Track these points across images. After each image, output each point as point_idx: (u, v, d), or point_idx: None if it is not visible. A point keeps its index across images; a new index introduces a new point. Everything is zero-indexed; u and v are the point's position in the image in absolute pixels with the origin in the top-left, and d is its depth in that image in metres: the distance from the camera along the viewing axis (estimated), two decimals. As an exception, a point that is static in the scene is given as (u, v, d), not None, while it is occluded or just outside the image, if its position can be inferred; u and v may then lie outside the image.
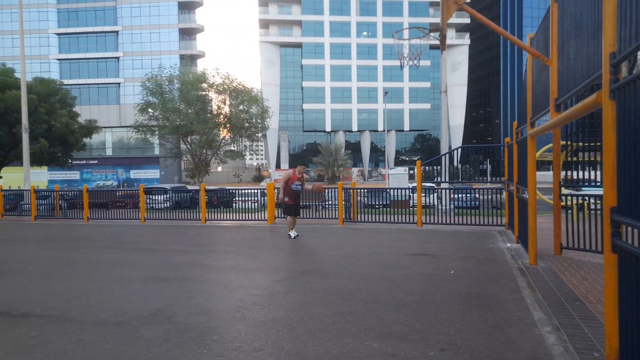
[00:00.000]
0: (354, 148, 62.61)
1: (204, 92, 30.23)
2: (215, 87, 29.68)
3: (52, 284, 5.92)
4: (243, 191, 15.93)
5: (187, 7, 57.44)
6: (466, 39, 62.49)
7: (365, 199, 14.47)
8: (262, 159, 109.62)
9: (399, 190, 12.89)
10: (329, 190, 13.90)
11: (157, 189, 18.57)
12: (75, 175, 52.87)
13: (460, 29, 64.49)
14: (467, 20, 60.60)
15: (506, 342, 3.63)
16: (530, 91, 6.91)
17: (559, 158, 7.05)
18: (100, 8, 55.89)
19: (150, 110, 29.55)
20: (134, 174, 54.45)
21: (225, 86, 29.46)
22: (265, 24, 62.41)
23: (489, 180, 13.00)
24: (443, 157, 12.21)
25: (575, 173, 6.99)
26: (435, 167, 14.46)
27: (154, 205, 15.78)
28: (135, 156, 54.49)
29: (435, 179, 13.82)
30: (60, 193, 15.88)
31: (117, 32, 55.61)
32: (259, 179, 64.72)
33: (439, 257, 7.25)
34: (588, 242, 6.83)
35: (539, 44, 6.25)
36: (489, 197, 11.51)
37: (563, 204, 7.45)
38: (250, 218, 13.38)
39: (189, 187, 22.38)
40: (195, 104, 29.28)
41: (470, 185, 14.30)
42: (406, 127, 63.88)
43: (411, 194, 13.12)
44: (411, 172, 36.68)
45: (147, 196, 15.05)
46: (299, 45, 62.14)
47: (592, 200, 8.05)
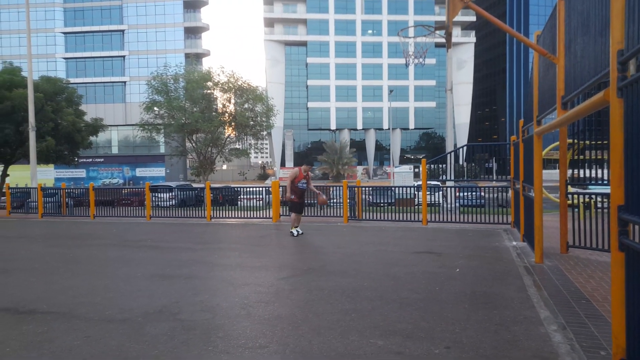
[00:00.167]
0: (358, 146, 62.53)
1: (209, 91, 30.34)
2: (220, 85, 29.79)
3: (59, 281, 5.97)
4: (248, 189, 15.97)
5: (192, 6, 57.60)
6: (472, 37, 62.21)
7: (370, 197, 14.44)
8: (267, 157, 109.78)
9: (404, 189, 12.86)
10: (334, 188, 13.90)
11: (162, 187, 18.62)
12: (81, 173, 53.19)
13: (466, 26, 64.20)
14: (473, 18, 60.34)
15: (512, 340, 3.62)
16: (537, 89, 6.87)
17: (566, 156, 7.02)
18: (106, 7, 56.16)
19: (155, 108, 29.70)
20: (140, 172, 54.72)
21: (230, 84, 29.55)
22: (270, 23, 62.44)
23: (494, 178, 12.96)
24: (448, 155, 12.18)
25: (582, 171, 6.95)
26: (440, 166, 14.42)
27: (159, 203, 15.84)
28: (140, 154, 54.76)
29: (441, 177, 13.79)
30: (66, 191, 15.98)
31: (122, 31, 55.86)
32: (263, 177, 64.83)
33: (444, 256, 7.24)
34: (595, 241, 6.79)
35: (546, 41, 6.21)
36: (495, 195, 11.47)
37: (570, 202, 7.42)
38: (255, 216, 13.41)
39: (194, 185, 22.44)
40: (200, 102, 29.40)
41: (476, 184, 14.25)
42: (411, 126, 63.74)
43: (416, 192, 13.09)
44: (416, 170, 36.57)
45: (153, 194, 15.11)
46: (303, 43, 62.10)
47: (599, 199, 8.01)
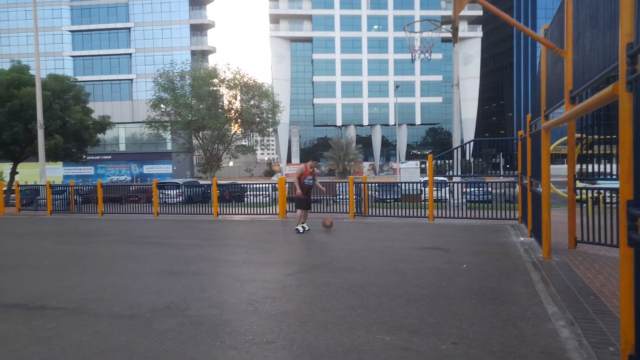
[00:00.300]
0: (365, 142, 62.39)
1: (215, 88, 30.36)
2: (226, 82, 29.81)
3: (68, 277, 6.03)
4: (254, 186, 16.02)
5: (197, 3, 57.64)
6: (479, 32, 61.69)
7: (377, 193, 14.43)
8: (273, 153, 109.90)
9: (411, 184, 12.82)
10: (340, 184, 13.89)
11: (169, 184, 18.74)
12: (89, 170, 53.58)
13: (473, 21, 63.69)
14: (480, 12, 59.80)
15: (519, 336, 3.61)
16: (545, 83, 6.81)
17: (574, 151, 6.96)
18: (112, 5, 56.34)
19: (162, 105, 29.80)
20: (147, 169, 55.00)
21: (236, 81, 29.56)
22: (275, 19, 62.33)
23: (502, 173, 12.88)
24: (455, 150, 12.12)
25: (590, 166, 6.89)
26: (447, 161, 14.36)
27: (166, 199, 15.95)
28: (148, 151, 54.99)
29: (447, 173, 13.73)
30: (75, 188, 16.11)
31: (129, 28, 56.03)
32: (270, 173, 64.95)
33: (451, 251, 7.22)
34: (603, 236, 6.74)
35: (554, 35, 6.14)
36: (502, 190, 11.41)
37: (578, 197, 7.36)
38: (261, 212, 13.45)
39: (201, 182, 22.53)
40: (206, 99, 29.43)
41: (483, 179, 14.18)
42: (418, 121, 63.45)
43: (423, 188, 13.05)
44: (423, 166, 36.48)
45: (160, 191, 15.21)
46: (309, 39, 61.94)
47: (607, 194, 7.94)
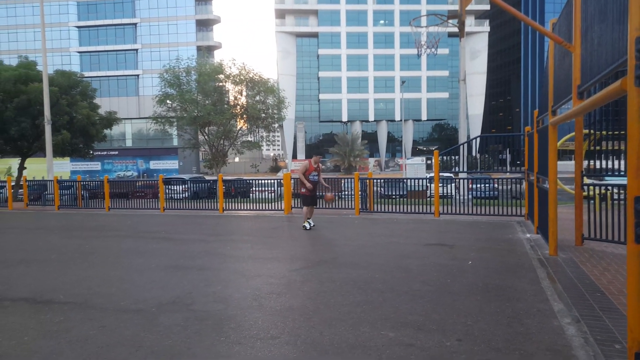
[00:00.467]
0: (370, 138, 62.26)
1: (220, 83, 30.41)
2: (231, 78, 29.84)
3: (75, 271, 6.08)
4: (260, 181, 16.03)
5: (203, -2, 57.66)
6: (486, 26, 61.22)
7: (382, 189, 14.40)
8: (278, 149, 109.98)
9: (416, 180, 12.77)
10: (346, 180, 13.88)
11: (175, 180, 18.81)
12: (96, 166, 53.92)
13: (480, 15, 63.17)
14: (487, 7, 59.22)
15: (525, 333, 3.59)
16: (552, 78, 6.74)
17: (582, 147, 6.90)
18: (118, 1, 56.46)
19: (168, 101, 29.91)
20: (154, 164, 55.28)
21: (241, 77, 29.58)
22: (281, 14, 62.18)
23: (508, 170, 12.79)
24: (461, 146, 12.05)
25: (598, 162, 6.83)
26: (453, 157, 14.29)
27: (172, 195, 16.00)
28: (154, 147, 55.29)
29: (453, 169, 13.66)
30: (82, 183, 16.21)
31: (135, 24, 56.16)
32: (275, 169, 65.01)
33: (456, 248, 7.19)
34: (610, 233, 6.69)
35: (562, 29, 6.08)
36: (509, 187, 11.34)
37: (585, 194, 7.30)
38: (267, 208, 13.47)
39: (207, 178, 22.60)
40: (212, 95, 29.49)
41: (489, 175, 14.10)
42: (424, 117, 63.20)
43: (428, 184, 13.00)
44: (429, 162, 36.35)
45: (166, 186, 15.27)
46: (315, 35, 61.77)
47: (615, 190, 7.87)
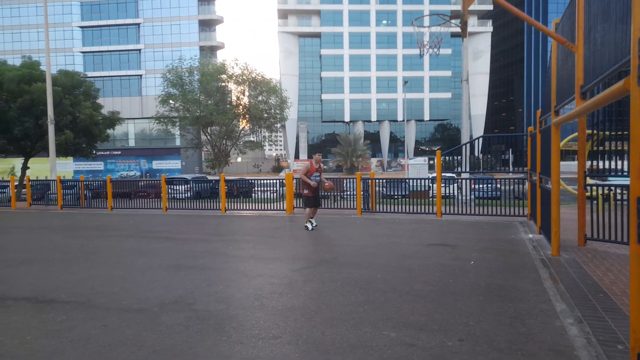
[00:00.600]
0: (373, 138, 62.19)
1: (223, 83, 30.41)
2: (234, 78, 29.82)
3: (78, 271, 6.10)
4: (262, 181, 16.05)
5: (206, -1, 57.71)
6: (489, 26, 61.08)
7: (384, 189, 14.39)
8: (281, 149, 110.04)
9: (419, 181, 12.77)
10: (348, 180, 13.87)
11: (178, 179, 18.83)
12: (99, 165, 54.07)
13: (483, 15, 63.04)
14: (490, 7, 59.14)
15: (527, 333, 3.58)
16: (555, 78, 6.73)
17: (584, 147, 6.87)
18: (122, 1, 56.61)
19: (171, 101, 29.92)
20: (156, 164, 55.38)
21: (244, 77, 29.57)
22: (284, 14, 62.20)
23: (511, 170, 12.78)
24: (464, 146, 12.04)
25: (601, 163, 6.80)
26: (455, 157, 14.27)
27: (175, 195, 16.03)
28: (157, 147, 55.38)
29: (456, 169, 13.66)
30: (85, 183, 16.25)
31: (138, 24, 56.27)
32: (278, 169, 65.03)
33: (458, 248, 7.18)
34: (613, 233, 6.67)
35: (565, 29, 6.06)
36: (511, 187, 11.32)
37: (588, 194, 7.28)
38: (269, 208, 13.48)
39: (209, 178, 22.64)
40: (214, 95, 29.49)
41: (492, 175, 14.08)
42: (426, 117, 63.11)
43: (431, 184, 12.99)
44: (431, 162, 36.28)
45: (169, 186, 15.30)
46: (317, 35, 61.77)
47: (618, 191, 7.84)
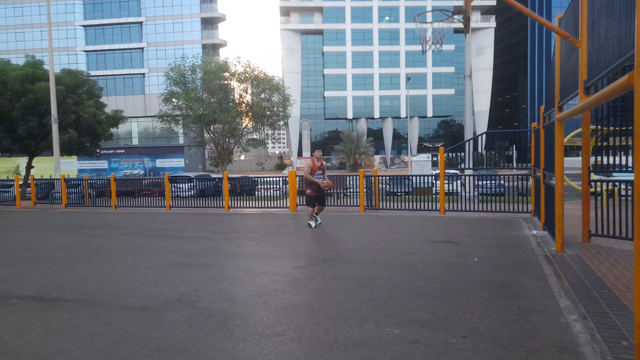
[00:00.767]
0: (376, 135, 62.09)
1: (226, 81, 30.43)
2: (237, 75, 29.85)
3: (82, 269, 6.12)
4: (265, 179, 16.07)
5: (208, -4, 57.67)
6: (492, 22, 60.78)
7: (387, 186, 14.37)
8: (284, 147, 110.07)
9: (422, 177, 12.74)
10: (351, 177, 13.86)
11: (181, 178, 18.88)
12: (103, 164, 54.26)
13: (486, 11, 62.71)
14: (493, 2, 58.82)
15: (530, 330, 3.57)
16: (559, 74, 6.69)
17: (589, 143, 6.84)
18: (124, -1, 56.71)
19: (174, 99, 29.98)
20: (160, 162, 55.52)
21: (246, 75, 29.58)
22: (286, 11, 62.11)
23: (514, 166, 12.73)
24: (467, 143, 12.00)
25: (605, 158, 6.77)
26: (459, 154, 14.22)
27: (179, 193, 16.08)
28: (160, 145, 55.48)
29: (459, 166, 13.61)
30: (89, 182, 16.32)
31: (141, 23, 56.33)
32: (281, 167, 65.08)
33: (462, 245, 7.17)
34: (618, 229, 6.63)
35: (568, 24, 6.02)
36: (515, 183, 11.28)
37: (592, 190, 7.24)
38: (272, 206, 13.49)
39: (213, 176, 22.67)
40: (217, 93, 29.53)
41: (495, 172, 14.03)
42: (429, 114, 62.94)
43: (434, 181, 12.96)
44: (434, 159, 36.18)
45: (172, 184, 15.34)
46: (320, 32, 61.65)
47: (622, 186, 7.80)
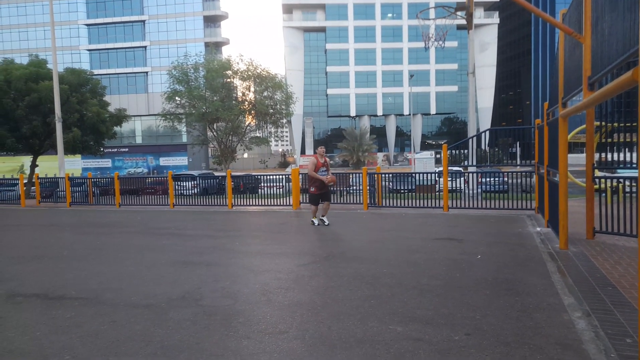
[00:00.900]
0: (379, 133, 62.00)
1: (228, 79, 30.42)
2: (239, 73, 29.83)
3: (86, 267, 6.15)
4: (268, 177, 16.08)
5: (211, -6, 57.63)
6: (495, 18, 60.48)
7: (391, 183, 14.35)
8: (287, 145, 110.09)
9: (425, 175, 12.71)
10: (354, 175, 13.85)
11: (185, 176, 18.92)
12: (107, 163, 54.43)
13: (489, 7, 62.41)
14: (497, -2, 58.64)
15: (534, 327, 3.57)
16: (562, 70, 6.65)
17: (593, 139, 6.80)
18: (127, -2, 56.72)
19: (177, 98, 30.00)
20: (163, 161, 55.62)
21: (249, 73, 29.56)
22: (288, 9, 62.00)
23: (518, 163, 12.69)
24: (470, 140, 11.96)
25: (609, 155, 6.73)
26: (462, 151, 14.18)
27: (182, 191, 16.12)
28: (163, 144, 55.56)
29: (463, 163, 13.57)
30: (93, 180, 16.37)
31: (143, 21, 56.35)
32: (284, 164, 65.11)
33: (465, 242, 7.15)
34: (622, 226, 6.60)
35: (572, 20, 5.99)
36: (519, 180, 11.24)
37: (596, 187, 7.21)
38: (275, 203, 13.50)
39: (216, 174, 22.70)
40: (220, 91, 29.52)
41: (499, 169, 13.97)
42: (432, 111, 62.76)
43: (437, 178, 12.93)
44: (437, 156, 36.15)
45: (176, 183, 15.37)
46: (322, 29, 61.52)
47: (627, 183, 7.77)
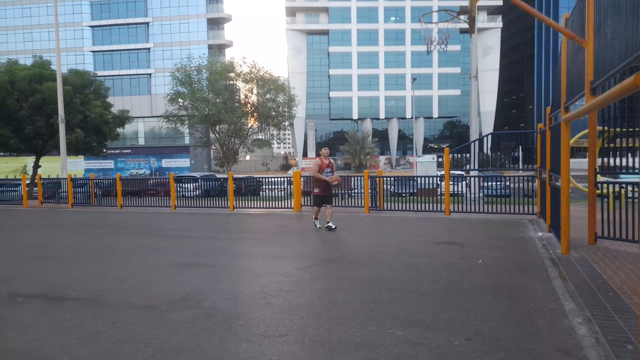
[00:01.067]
0: (381, 136, 62.00)
1: (231, 82, 30.49)
2: (242, 76, 29.89)
3: (88, 268, 6.16)
4: (270, 179, 16.07)
5: (214, -3, 57.84)
6: (498, 22, 60.50)
7: (392, 187, 14.36)
8: (289, 147, 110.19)
9: (427, 178, 12.71)
10: (356, 178, 13.85)
11: (187, 178, 18.94)
12: (109, 164, 54.58)
13: (492, 11, 62.43)
14: (499, 2, 58.55)
15: (535, 332, 3.55)
16: (565, 74, 6.65)
17: (595, 144, 6.78)
18: (131, 0, 56.94)
19: (180, 100, 30.08)
20: (166, 162, 55.75)
21: (252, 75, 29.62)
22: (292, 12, 62.16)
23: (520, 167, 12.66)
24: (472, 144, 11.96)
25: (612, 160, 6.72)
26: (464, 155, 14.17)
27: (184, 193, 16.13)
28: (166, 145, 55.73)
29: (465, 167, 13.56)
30: (95, 181, 16.42)
31: (147, 23, 56.61)
32: (286, 167, 65.13)
33: (466, 246, 7.14)
34: (625, 232, 6.58)
35: (575, 24, 5.99)
36: (521, 185, 11.22)
37: (599, 192, 7.19)
38: (277, 206, 13.50)
39: (218, 176, 22.73)
40: (223, 93, 29.60)
41: (501, 173, 13.96)
42: (435, 114, 62.74)
43: (439, 182, 12.93)
44: (440, 160, 36.10)
45: (178, 184, 15.39)
46: (325, 32, 61.65)
47: (629, 188, 7.74)
